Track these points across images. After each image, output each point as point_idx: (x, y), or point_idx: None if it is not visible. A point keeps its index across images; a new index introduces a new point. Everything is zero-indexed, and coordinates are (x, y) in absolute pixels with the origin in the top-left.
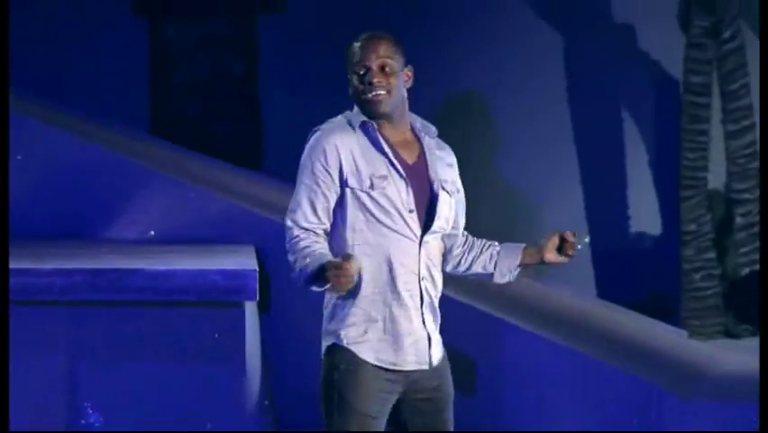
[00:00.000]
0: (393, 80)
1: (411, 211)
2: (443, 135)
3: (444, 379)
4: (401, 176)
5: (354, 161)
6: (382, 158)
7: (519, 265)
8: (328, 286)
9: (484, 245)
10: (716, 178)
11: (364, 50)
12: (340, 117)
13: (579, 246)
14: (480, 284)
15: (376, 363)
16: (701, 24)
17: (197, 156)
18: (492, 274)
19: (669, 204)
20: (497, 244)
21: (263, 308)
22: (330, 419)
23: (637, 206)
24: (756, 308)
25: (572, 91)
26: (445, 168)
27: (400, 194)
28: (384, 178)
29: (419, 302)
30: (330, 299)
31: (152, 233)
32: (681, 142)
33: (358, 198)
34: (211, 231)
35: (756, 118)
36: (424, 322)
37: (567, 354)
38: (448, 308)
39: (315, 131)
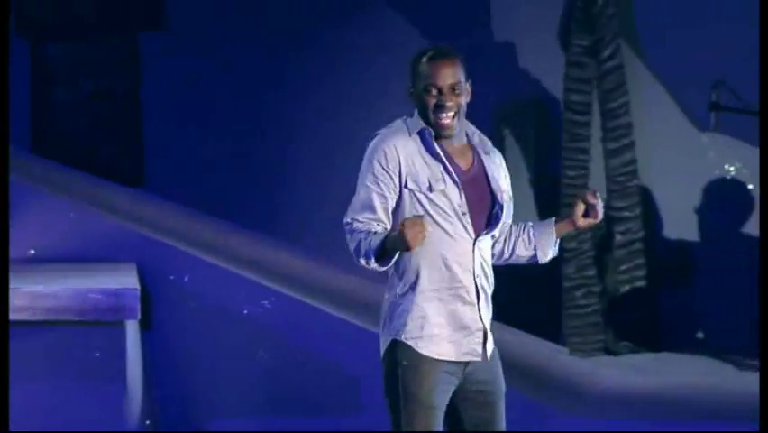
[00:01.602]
0: (462, 100)
1: (464, 214)
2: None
3: (497, 373)
4: (454, 181)
5: (413, 164)
6: (437, 163)
7: (557, 239)
8: (395, 257)
9: (520, 229)
10: None
11: (437, 69)
12: (399, 122)
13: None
14: (368, 299)
15: (435, 356)
16: (581, 43)
17: (79, 174)
18: (535, 255)
19: None
20: (529, 223)
21: (145, 327)
22: (395, 413)
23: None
24: (636, 325)
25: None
26: (501, 176)
27: (454, 197)
28: (440, 181)
29: (475, 298)
30: (388, 298)
31: (32, 251)
32: (562, 161)
33: (417, 200)
34: (92, 249)
35: (635, 137)
36: (481, 317)
37: None
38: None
39: (376, 135)
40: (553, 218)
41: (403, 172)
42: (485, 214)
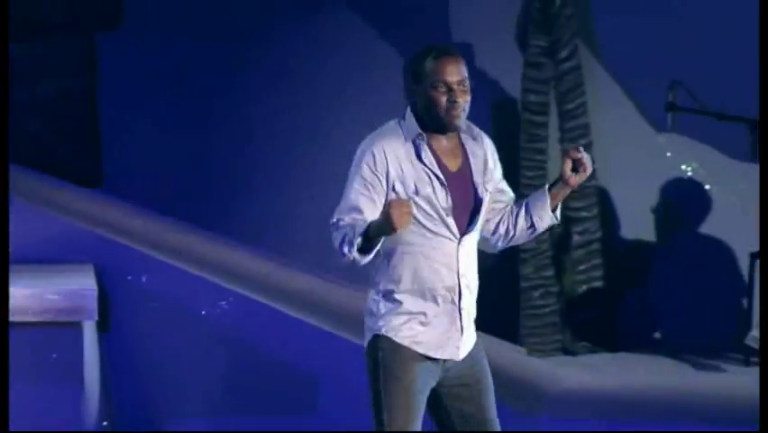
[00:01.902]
0: (468, 97)
1: (449, 215)
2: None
3: (480, 365)
4: (441, 183)
5: (401, 167)
6: (425, 168)
7: (554, 204)
8: (380, 242)
9: (520, 205)
10: None
11: (446, 66)
12: (392, 123)
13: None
14: (326, 299)
15: (414, 348)
16: (538, 44)
17: (36, 174)
18: (533, 224)
19: None
20: (525, 199)
21: (103, 328)
22: (378, 399)
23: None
24: (593, 325)
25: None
26: (484, 167)
27: (441, 199)
28: (427, 184)
29: (458, 298)
30: (371, 295)
31: None
32: (520, 161)
33: (405, 192)
34: (49, 250)
35: (592, 137)
36: (460, 317)
37: None
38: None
39: (370, 136)
40: (547, 185)
41: (391, 175)
42: (468, 212)
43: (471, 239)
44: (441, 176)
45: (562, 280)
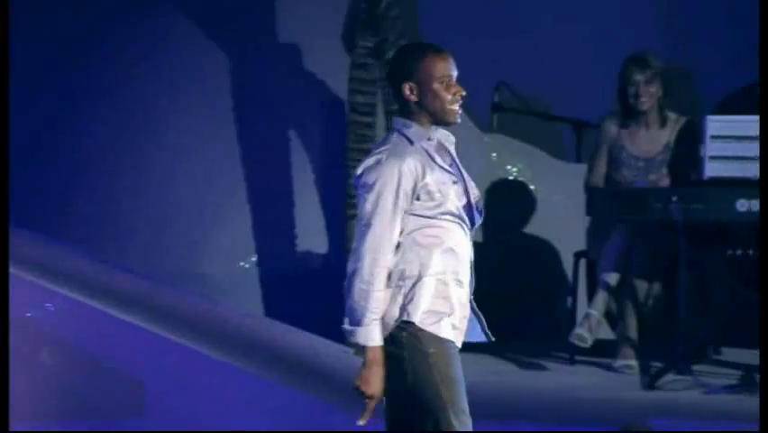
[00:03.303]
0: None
1: (462, 206)
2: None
3: None
4: (453, 177)
5: (423, 176)
6: (439, 167)
7: None
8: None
9: None
10: None
11: (447, 62)
12: (396, 137)
13: None
14: (154, 302)
15: (453, 339)
16: (365, 45)
17: None
18: None
19: (336, 222)
20: None
21: None
22: (436, 402)
23: (305, 224)
24: None
25: (240, 110)
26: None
27: (455, 192)
28: (444, 183)
29: (470, 287)
30: (398, 279)
31: None
32: (347, 162)
33: (424, 207)
34: None
35: None
36: (472, 305)
37: (235, 373)
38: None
39: (379, 157)
40: None
41: (417, 186)
42: (468, 206)
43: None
44: (452, 171)
45: None
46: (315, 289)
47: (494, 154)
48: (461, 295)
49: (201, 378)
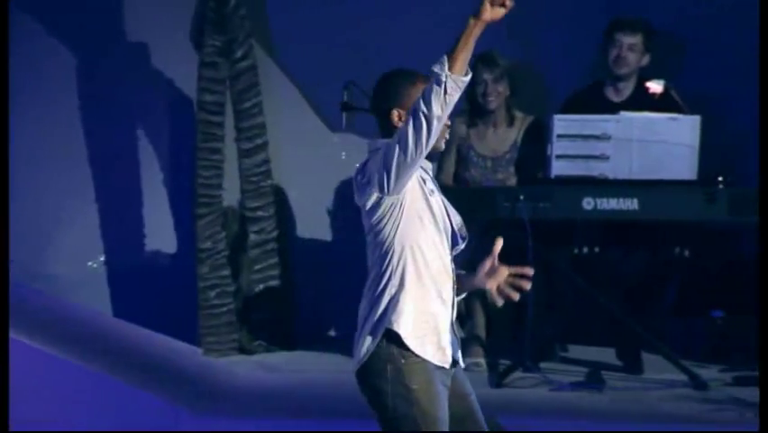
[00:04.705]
0: None
1: (446, 226)
2: None
3: (467, 382)
4: (440, 194)
5: (419, 171)
6: (429, 176)
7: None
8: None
9: None
10: (231, 195)
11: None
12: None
13: None
14: None
15: (432, 360)
16: (214, 43)
17: None
18: None
19: (185, 222)
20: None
21: None
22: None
23: (154, 224)
24: (270, 324)
25: (88, 110)
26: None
27: (443, 208)
28: (433, 192)
29: (452, 307)
30: (374, 295)
31: None
32: (196, 161)
33: (422, 195)
34: None
35: (268, 137)
36: (452, 325)
37: (82, 373)
38: None
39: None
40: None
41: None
42: (451, 233)
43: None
44: (437, 185)
45: (239, 280)
46: (164, 288)
47: (343, 153)
48: (445, 314)
49: (47, 378)
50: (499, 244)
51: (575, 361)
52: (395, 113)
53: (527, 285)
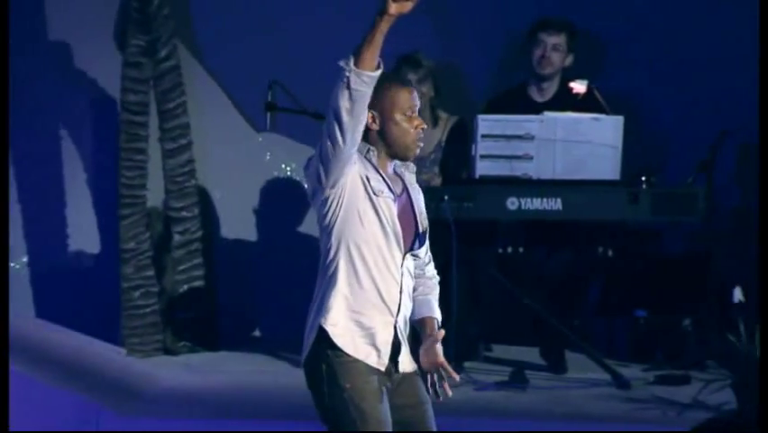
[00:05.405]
0: None
1: (396, 229)
2: None
3: (422, 390)
4: (392, 197)
5: (366, 169)
6: (381, 178)
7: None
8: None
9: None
10: (155, 196)
11: (411, 95)
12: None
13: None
14: None
15: (366, 361)
16: (138, 43)
17: None
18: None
19: (108, 222)
20: (426, 290)
21: None
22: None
23: (77, 224)
24: (194, 324)
25: (8, 109)
26: (422, 204)
27: (393, 210)
28: (384, 192)
29: (396, 310)
30: (318, 293)
31: None
32: (120, 161)
33: (365, 195)
34: None
35: (192, 137)
36: (395, 330)
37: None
38: None
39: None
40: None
41: (357, 166)
42: (411, 237)
43: (411, 262)
44: (392, 188)
45: (163, 280)
46: (87, 289)
47: (268, 153)
48: (384, 317)
49: None
50: (441, 334)
51: (499, 360)
52: (368, 115)
53: (448, 393)
